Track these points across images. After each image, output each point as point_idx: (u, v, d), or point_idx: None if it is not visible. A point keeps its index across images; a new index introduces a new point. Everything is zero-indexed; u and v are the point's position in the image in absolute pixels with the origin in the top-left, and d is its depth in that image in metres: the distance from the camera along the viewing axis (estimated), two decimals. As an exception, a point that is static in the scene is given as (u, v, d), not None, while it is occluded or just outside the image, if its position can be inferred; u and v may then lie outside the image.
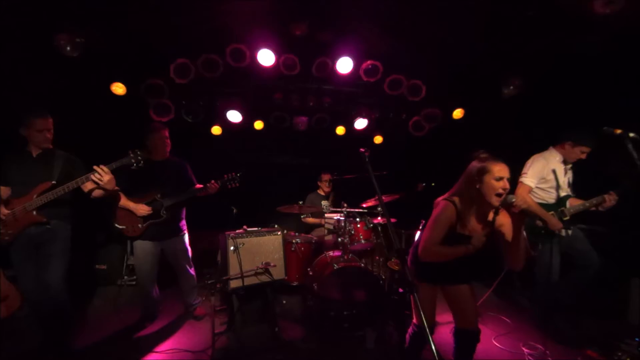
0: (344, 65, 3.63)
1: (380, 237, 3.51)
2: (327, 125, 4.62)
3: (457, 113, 4.36)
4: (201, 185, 3.05)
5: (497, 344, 2.75)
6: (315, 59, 3.59)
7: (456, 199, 1.81)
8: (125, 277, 4.21)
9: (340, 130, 4.81)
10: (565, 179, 2.79)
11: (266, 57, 3.46)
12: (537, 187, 2.80)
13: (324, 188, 4.54)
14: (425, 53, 3.60)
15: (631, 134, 1.90)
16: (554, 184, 2.75)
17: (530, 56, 3.38)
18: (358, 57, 3.62)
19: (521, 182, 2.79)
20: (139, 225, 2.82)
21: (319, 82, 4.05)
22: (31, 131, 2.38)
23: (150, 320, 3.09)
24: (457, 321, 1.94)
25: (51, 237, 2.41)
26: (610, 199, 2.63)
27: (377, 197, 3.67)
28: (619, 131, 1.97)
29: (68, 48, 2.92)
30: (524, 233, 1.72)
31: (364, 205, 3.78)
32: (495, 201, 1.69)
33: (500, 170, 1.69)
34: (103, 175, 2.29)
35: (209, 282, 2.57)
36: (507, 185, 1.70)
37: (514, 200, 1.67)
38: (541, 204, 2.76)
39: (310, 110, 4.48)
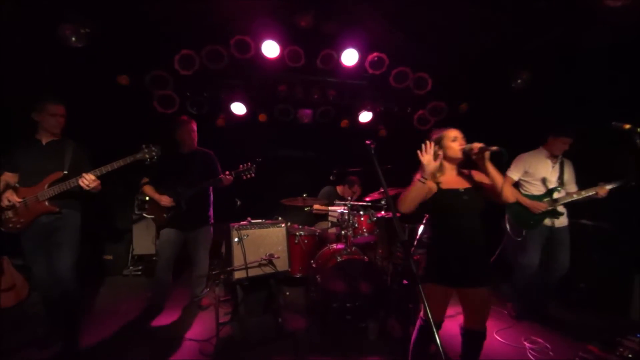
0: (349, 57, 3.59)
1: (384, 231, 3.51)
2: (331, 118, 4.60)
3: (464, 107, 4.32)
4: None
5: (498, 338, 2.76)
6: (320, 51, 3.56)
7: None
8: (131, 267, 4.28)
9: (344, 123, 4.79)
10: (553, 172, 2.97)
11: (271, 49, 3.44)
12: (523, 181, 3.06)
13: (346, 193, 4.38)
14: (432, 45, 3.55)
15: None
16: (539, 177, 2.96)
17: (538, 49, 3.33)
18: (363, 49, 3.58)
19: (506, 174, 3.02)
20: (164, 215, 2.94)
21: (324, 74, 4.02)
22: (44, 115, 2.39)
23: (157, 309, 3.13)
24: (466, 321, 1.94)
25: (62, 225, 2.44)
26: (600, 191, 2.78)
27: (381, 190, 3.67)
28: (627, 126, 1.96)
29: (73, 39, 2.93)
30: (492, 167, 1.85)
31: (368, 199, 3.78)
32: (459, 152, 1.89)
33: (453, 132, 1.94)
34: (90, 183, 2.33)
35: (214, 272, 2.61)
36: (463, 143, 1.92)
37: (472, 145, 1.85)
38: (529, 195, 3.00)
39: (315, 103, 4.45)
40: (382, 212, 3.54)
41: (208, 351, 2.52)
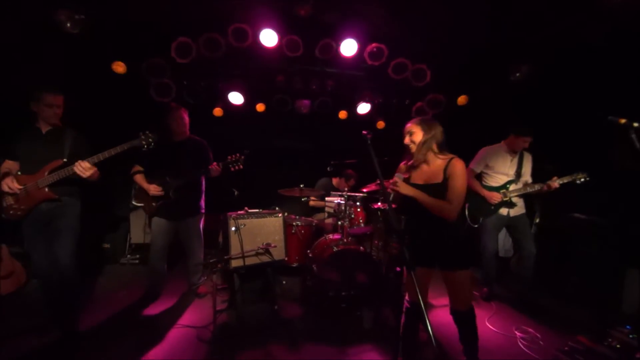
0: (348, 47, 3.56)
1: (380, 222, 3.54)
2: (329, 109, 4.58)
3: (462, 100, 4.31)
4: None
5: (490, 326, 2.82)
6: (319, 41, 3.51)
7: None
8: (128, 256, 4.30)
9: (342, 114, 4.77)
10: (512, 166, 3.19)
11: (269, 38, 3.40)
12: (484, 173, 3.29)
13: (341, 186, 4.43)
14: (431, 36, 3.52)
15: (635, 124, 1.89)
16: (498, 170, 3.20)
17: (539, 43, 3.31)
18: (363, 40, 3.54)
19: (469, 167, 3.28)
20: (153, 204, 2.95)
21: (323, 64, 3.98)
22: (41, 106, 2.38)
23: (154, 297, 3.18)
24: (450, 302, 2.04)
25: (62, 213, 2.45)
26: (551, 185, 2.99)
27: (377, 182, 3.69)
28: (623, 121, 1.96)
29: (68, 24, 2.88)
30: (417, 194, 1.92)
31: (365, 190, 3.79)
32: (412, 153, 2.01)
33: (404, 130, 2.05)
34: (85, 171, 2.31)
35: (211, 260, 2.63)
36: (409, 139, 2.01)
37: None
38: (487, 186, 3.24)
39: (313, 94, 4.43)
40: (379, 203, 3.56)
41: (205, 337, 2.56)
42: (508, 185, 3.16)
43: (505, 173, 3.18)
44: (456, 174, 1.86)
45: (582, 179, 2.98)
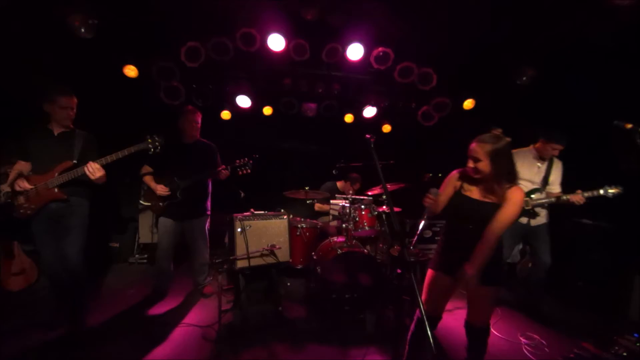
0: (355, 51, 3.59)
1: (384, 225, 3.55)
2: (335, 112, 4.61)
3: (468, 103, 4.31)
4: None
5: (495, 332, 2.80)
6: (326, 45, 3.56)
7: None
8: (137, 255, 4.37)
9: (348, 117, 4.80)
10: (539, 173, 3.01)
11: (276, 42, 3.45)
12: None
13: (346, 189, 4.42)
14: (437, 40, 3.54)
15: (641, 129, 1.88)
16: (523, 177, 2.95)
17: (544, 46, 3.30)
18: (369, 44, 3.58)
19: None
20: (160, 204, 3.02)
21: (329, 68, 4.02)
22: (55, 107, 2.46)
23: (161, 296, 3.23)
24: (468, 315, 1.97)
25: (70, 212, 2.52)
26: (576, 198, 2.82)
27: (382, 185, 3.70)
28: (629, 126, 1.95)
29: (82, 29, 2.97)
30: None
31: (370, 193, 3.81)
32: (471, 172, 1.86)
33: (470, 150, 1.85)
34: (95, 172, 2.36)
35: (217, 261, 2.67)
36: (473, 164, 1.82)
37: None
38: None
39: (319, 97, 4.47)
40: (384, 207, 3.57)
41: (210, 336, 2.60)
42: (532, 194, 2.98)
43: (531, 180, 2.99)
44: (512, 200, 1.78)
45: (614, 192, 2.74)
